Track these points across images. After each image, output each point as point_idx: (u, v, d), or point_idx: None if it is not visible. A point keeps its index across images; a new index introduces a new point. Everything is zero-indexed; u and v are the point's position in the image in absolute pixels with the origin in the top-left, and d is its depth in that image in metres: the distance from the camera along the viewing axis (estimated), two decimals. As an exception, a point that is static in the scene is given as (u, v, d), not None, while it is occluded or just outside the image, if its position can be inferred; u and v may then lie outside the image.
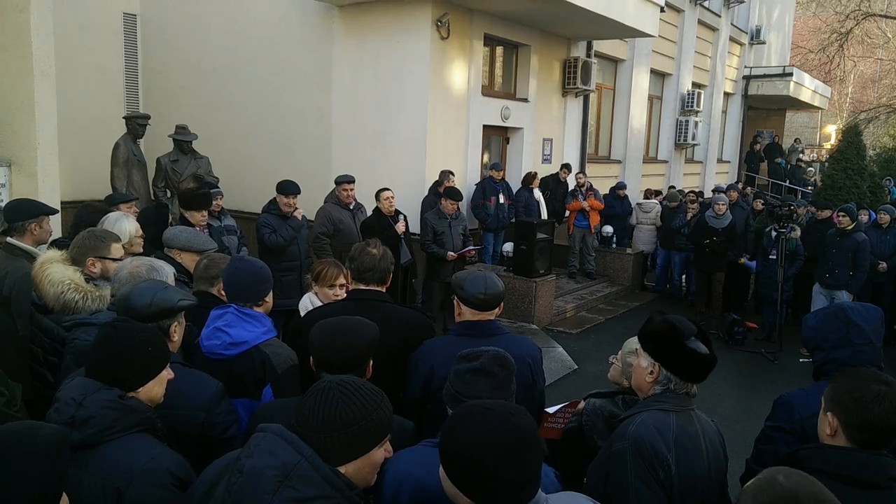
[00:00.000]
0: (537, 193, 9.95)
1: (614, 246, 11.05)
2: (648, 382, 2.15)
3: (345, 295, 3.36)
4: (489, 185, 9.25)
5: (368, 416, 1.55)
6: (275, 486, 1.46)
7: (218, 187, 6.97)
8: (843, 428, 1.93)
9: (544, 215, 9.87)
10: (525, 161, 10.61)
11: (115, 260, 3.11)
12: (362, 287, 3.04)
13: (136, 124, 7.73)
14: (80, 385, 1.90)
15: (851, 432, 1.92)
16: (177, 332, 2.39)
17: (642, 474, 1.95)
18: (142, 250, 3.74)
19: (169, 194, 7.58)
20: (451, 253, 7.17)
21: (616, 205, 11.06)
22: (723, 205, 8.94)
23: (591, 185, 10.50)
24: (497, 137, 10.61)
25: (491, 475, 1.46)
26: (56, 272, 2.88)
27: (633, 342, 2.43)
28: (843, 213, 8.00)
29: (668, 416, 2.06)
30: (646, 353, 2.17)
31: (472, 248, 7.45)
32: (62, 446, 1.49)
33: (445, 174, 8.37)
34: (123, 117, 8.03)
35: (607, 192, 11.20)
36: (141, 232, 3.86)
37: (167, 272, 2.83)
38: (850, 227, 7.92)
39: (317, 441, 1.51)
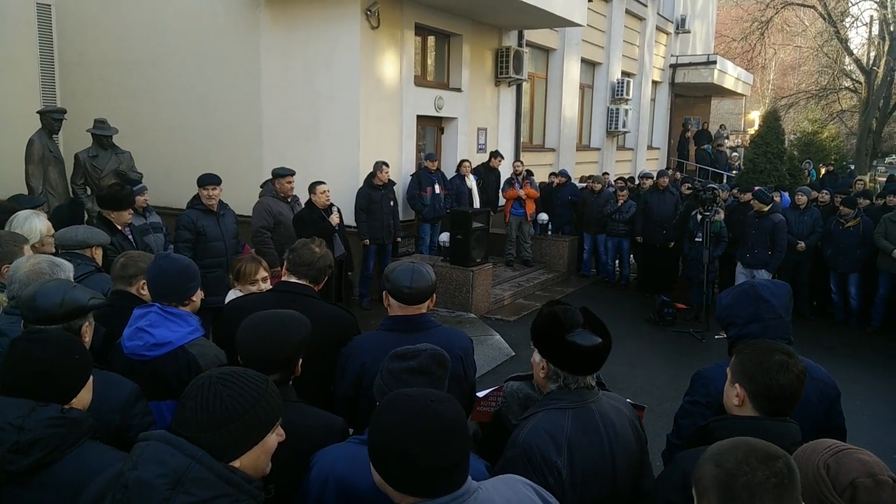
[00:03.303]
0: (470, 181, 9.97)
1: (549, 233, 11.23)
2: (542, 378, 2.10)
3: (269, 287, 3.31)
4: (424, 175, 9.25)
5: (256, 405, 1.50)
6: (167, 495, 1.38)
7: (142, 183, 6.74)
8: (750, 398, 2.00)
9: (476, 203, 9.91)
10: (460, 150, 10.64)
11: None
12: (293, 280, 2.97)
13: (52, 119, 7.38)
14: (9, 407, 1.75)
15: (758, 401, 1.99)
16: (87, 332, 2.31)
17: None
18: (54, 250, 3.58)
19: (89, 191, 7.27)
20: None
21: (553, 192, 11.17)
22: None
23: (529, 174, 10.62)
24: (432, 128, 10.60)
25: (409, 461, 1.44)
26: (-34, 284, 2.73)
27: None
28: (756, 198, 8.36)
29: (563, 415, 2.02)
30: (535, 348, 2.12)
31: None
32: None
33: (379, 165, 8.31)
34: (37, 112, 7.65)
35: (543, 180, 11.34)
36: (53, 231, 3.70)
37: (69, 268, 2.72)
38: (766, 209, 8.27)
39: (206, 440, 1.44)
